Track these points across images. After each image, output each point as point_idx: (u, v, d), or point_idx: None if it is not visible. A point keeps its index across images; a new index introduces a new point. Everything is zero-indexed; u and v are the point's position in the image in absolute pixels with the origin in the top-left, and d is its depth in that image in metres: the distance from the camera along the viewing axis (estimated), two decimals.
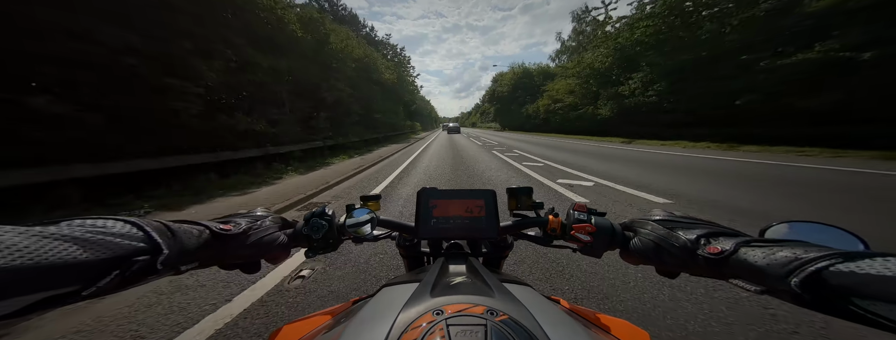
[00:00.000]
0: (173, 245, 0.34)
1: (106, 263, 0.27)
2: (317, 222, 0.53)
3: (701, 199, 3.94)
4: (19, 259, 0.22)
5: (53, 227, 0.27)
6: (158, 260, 0.31)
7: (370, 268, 2.21)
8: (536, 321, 0.33)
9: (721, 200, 3.85)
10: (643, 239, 0.46)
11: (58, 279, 0.24)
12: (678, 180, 5.26)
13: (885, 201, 3.56)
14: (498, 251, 0.69)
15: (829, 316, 0.28)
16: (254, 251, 0.46)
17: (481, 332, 0.29)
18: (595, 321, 0.52)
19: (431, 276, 0.46)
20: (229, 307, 1.77)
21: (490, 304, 0.35)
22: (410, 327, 0.31)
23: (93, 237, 0.27)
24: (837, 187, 4.32)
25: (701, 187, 4.59)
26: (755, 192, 4.20)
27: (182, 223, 0.38)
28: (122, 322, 1.66)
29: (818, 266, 0.28)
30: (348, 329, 0.35)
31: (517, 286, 0.45)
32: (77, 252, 0.25)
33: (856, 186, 4.39)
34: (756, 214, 3.26)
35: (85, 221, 0.29)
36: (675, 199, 3.96)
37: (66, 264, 0.25)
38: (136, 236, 0.31)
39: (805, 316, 1.52)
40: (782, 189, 4.32)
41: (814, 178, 5.06)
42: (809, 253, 0.30)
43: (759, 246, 0.35)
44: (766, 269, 0.32)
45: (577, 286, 1.92)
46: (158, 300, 1.86)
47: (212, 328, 1.57)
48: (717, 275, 0.38)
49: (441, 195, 0.63)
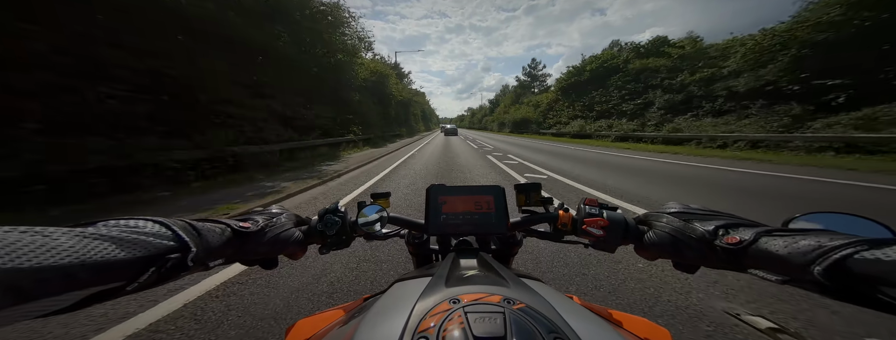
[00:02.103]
0: (200, 243, 0.35)
1: (142, 261, 0.29)
2: (330, 218, 0.54)
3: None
4: (67, 258, 0.24)
5: (92, 228, 0.28)
6: (188, 258, 0.33)
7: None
8: (555, 310, 0.33)
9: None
10: (658, 232, 0.45)
11: (104, 276, 0.26)
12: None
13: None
14: (507, 248, 0.69)
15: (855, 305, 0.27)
16: (270, 247, 0.47)
17: (500, 319, 0.28)
18: (611, 317, 0.50)
19: (444, 270, 0.46)
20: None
21: (506, 294, 0.34)
22: (428, 315, 0.31)
23: (128, 236, 0.29)
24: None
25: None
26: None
27: (205, 222, 0.40)
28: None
29: (843, 254, 0.27)
30: (364, 322, 0.35)
31: (530, 281, 0.44)
32: (117, 251, 0.27)
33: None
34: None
35: (119, 221, 0.31)
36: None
37: (108, 262, 0.26)
38: (165, 235, 0.32)
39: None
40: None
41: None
42: (834, 241, 0.29)
43: (780, 236, 0.34)
44: (788, 258, 0.31)
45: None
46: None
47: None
48: (736, 266, 0.37)
49: (450, 192, 0.63)
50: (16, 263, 0.21)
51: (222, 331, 1.54)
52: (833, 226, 0.36)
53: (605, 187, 4.99)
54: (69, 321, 1.58)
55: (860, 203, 3.77)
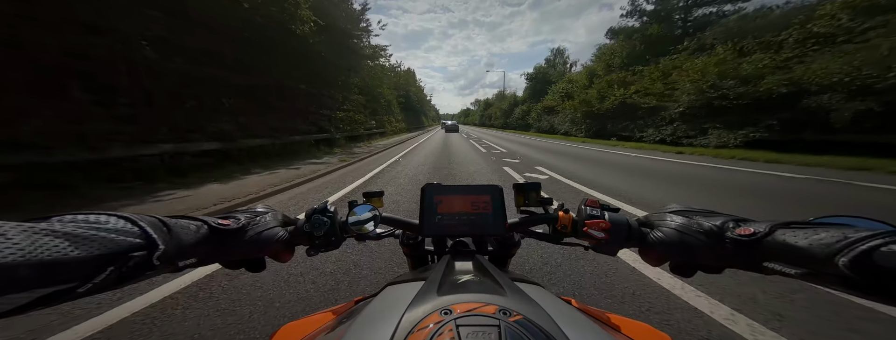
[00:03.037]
0: (169, 241, 0.33)
1: (100, 259, 0.27)
2: (318, 218, 0.52)
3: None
4: (11, 256, 0.22)
5: (44, 223, 0.26)
6: (154, 256, 0.31)
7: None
8: (554, 321, 0.31)
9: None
10: (664, 231, 0.43)
11: (52, 277, 0.24)
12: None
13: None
14: (505, 250, 0.67)
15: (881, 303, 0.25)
16: (252, 246, 0.45)
17: (495, 333, 0.27)
18: (609, 322, 0.49)
19: (437, 274, 0.44)
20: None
21: (502, 303, 0.32)
22: (416, 328, 0.29)
23: (85, 232, 0.27)
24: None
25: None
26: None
27: (180, 219, 0.38)
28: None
29: (871, 244, 0.26)
30: (351, 329, 0.33)
31: (528, 285, 0.42)
32: (69, 249, 0.25)
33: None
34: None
35: (76, 216, 0.29)
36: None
37: (57, 261, 0.24)
38: (130, 231, 0.30)
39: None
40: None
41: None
42: (860, 233, 0.27)
43: (798, 228, 0.32)
44: (809, 249, 0.29)
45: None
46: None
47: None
48: (748, 261, 0.35)
49: (446, 191, 0.61)
50: None
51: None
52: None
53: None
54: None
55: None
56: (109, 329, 1.53)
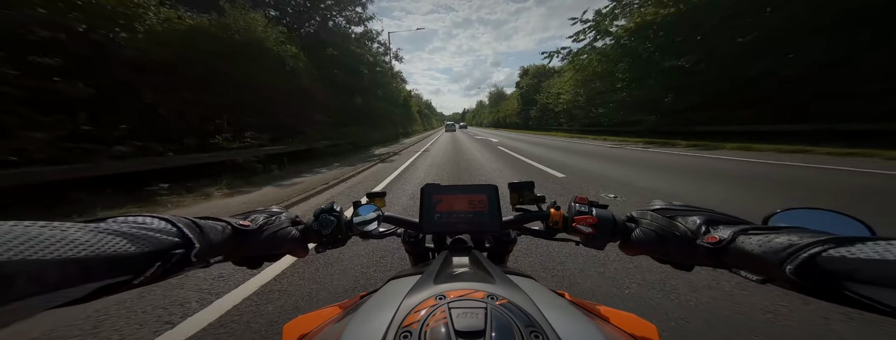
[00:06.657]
0: (202, 240, 0.36)
1: (149, 255, 0.30)
2: (325, 218, 0.55)
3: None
4: (83, 252, 0.25)
5: (104, 223, 0.30)
6: (191, 253, 0.34)
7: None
8: (536, 306, 0.34)
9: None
10: (645, 230, 0.46)
11: (115, 269, 0.28)
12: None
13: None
14: (501, 246, 0.70)
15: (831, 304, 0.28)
16: (268, 245, 0.49)
17: (482, 314, 0.30)
18: (598, 313, 0.51)
19: (435, 267, 0.47)
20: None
21: (491, 290, 0.35)
22: (413, 310, 0.32)
23: (137, 232, 0.30)
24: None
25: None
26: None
27: (207, 220, 0.41)
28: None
29: (811, 252, 0.28)
30: (355, 318, 0.36)
31: (521, 278, 0.45)
32: (127, 246, 0.28)
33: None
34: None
35: (126, 218, 0.32)
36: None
37: (119, 256, 0.28)
38: (170, 231, 0.34)
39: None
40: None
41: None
42: (804, 239, 0.30)
43: (756, 234, 0.34)
44: (763, 257, 0.32)
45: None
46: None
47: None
48: (720, 265, 0.38)
49: (444, 191, 0.64)
50: (40, 255, 0.23)
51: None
52: (810, 222, 0.36)
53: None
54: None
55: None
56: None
